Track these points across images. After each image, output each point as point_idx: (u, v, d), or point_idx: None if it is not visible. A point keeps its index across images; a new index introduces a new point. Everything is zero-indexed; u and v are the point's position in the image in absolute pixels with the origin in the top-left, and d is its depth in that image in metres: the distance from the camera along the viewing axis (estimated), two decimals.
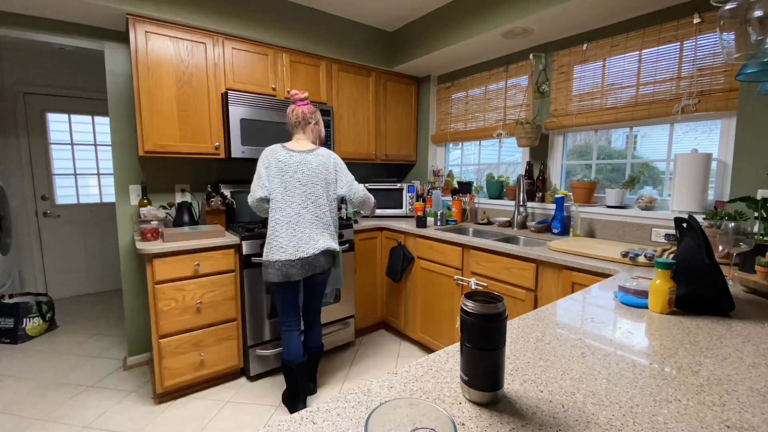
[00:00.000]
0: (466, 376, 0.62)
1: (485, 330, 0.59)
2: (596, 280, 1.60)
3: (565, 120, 2.35)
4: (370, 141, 3.14)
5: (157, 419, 1.96)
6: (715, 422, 0.56)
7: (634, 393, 0.64)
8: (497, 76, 2.81)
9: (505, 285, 2.03)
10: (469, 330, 0.60)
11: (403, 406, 0.46)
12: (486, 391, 0.60)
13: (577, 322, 0.96)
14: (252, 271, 2.21)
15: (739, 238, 1.17)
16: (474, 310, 0.59)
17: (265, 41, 2.51)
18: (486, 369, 0.60)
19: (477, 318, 0.59)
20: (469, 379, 0.61)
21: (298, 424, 0.56)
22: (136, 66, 2.09)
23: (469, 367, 0.61)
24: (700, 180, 1.72)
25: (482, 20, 2.36)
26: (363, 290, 2.85)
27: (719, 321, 0.97)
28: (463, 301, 0.62)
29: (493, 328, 0.59)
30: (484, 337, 0.59)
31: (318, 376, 2.35)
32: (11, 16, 2.06)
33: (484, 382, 0.60)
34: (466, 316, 0.60)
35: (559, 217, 2.25)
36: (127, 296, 2.45)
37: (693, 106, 1.81)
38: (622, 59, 2.09)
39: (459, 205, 2.83)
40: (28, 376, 2.37)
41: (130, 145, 2.40)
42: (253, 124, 2.40)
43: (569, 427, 0.56)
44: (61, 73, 3.62)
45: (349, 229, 2.63)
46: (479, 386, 0.60)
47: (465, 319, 0.61)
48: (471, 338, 0.60)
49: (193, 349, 2.10)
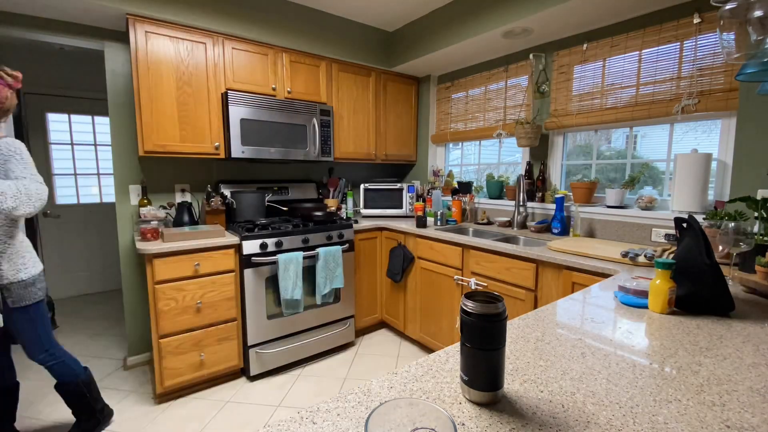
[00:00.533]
0: (466, 376, 0.62)
1: (485, 330, 0.59)
2: (596, 280, 1.60)
3: (565, 120, 2.35)
4: (370, 141, 3.14)
5: (157, 419, 1.96)
6: (715, 422, 0.56)
7: (634, 393, 0.64)
8: (497, 76, 2.81)
9: (505, 285, 2.03)
10: (469, 330, 0.60)
11: (403, 406, 0.46)
12: (486, 391, 0.61)
13: (577, 322, 0.96)
14: (252, 271, 2.21)
15: (739, 238, 1.17)
16: (474, 310, 0.60)
17: (265, 41, 2.51)
18: (486, 369, 0.60)
19: (477, 318, 0.59)
20: (469, 379, 0.61)
21: (298, 424, 0.56)
22: (136, 66, 2.09)
23: (468, 367, 0.61)
24: (700, 180, 1.72)
25: (482, 20, 2.36)
26: (363, 290, 2.85)
27: (719, 321, 0.97)
28: (463, 301, 0.62)
29: (493, 328, 0.59)
30: (484, 337, 0.59)
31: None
32: (11, 16, 2.06)
33: (484, 382, 0.60)
34: (466, 316, 0.61)
35: (559, 217, 2.25)
36: (127, 296, 2.45)
37: (693, 106, 1.81)
38: (622, 59, 2.09)
39: (459, 205, 2.83)
40: (28, 376, 2.37)
41: (130, 145, 2.40)
42: (253, 124, 2.40)
43: (569, 427, 0.56)
44: (61, 73, 3.62)
45: (349, 229, 2.63)
46: (479, 386, 0.61)
47: (465, 319, 0.61)
48: (471, 338, 0.60)
49: (193, 349, 2.10)
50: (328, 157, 2.78)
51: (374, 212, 3.15)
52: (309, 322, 2.50)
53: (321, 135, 2.71)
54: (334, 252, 2.46)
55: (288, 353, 2.41)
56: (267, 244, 2.26)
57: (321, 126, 2.70)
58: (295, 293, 2.30)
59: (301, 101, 2.62)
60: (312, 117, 2.65)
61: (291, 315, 2.39)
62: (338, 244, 2.55)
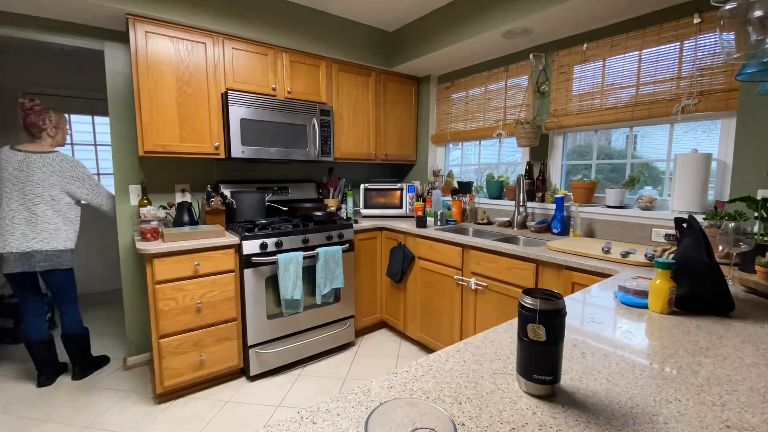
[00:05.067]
0: (530, 371, 0.64)
1: (552, 325, 0.62)
2: (596, 280, 1.60)
3: (565, 120, 2.35)
4: (370, 141, 3.14)
5: (157, 419, 1.96)
6: (715, 422, 0.56)
7: (634, 393, 0.64)
8: (497, 76, 2.81)
9: (505, 285, 2.03)
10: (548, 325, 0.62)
11: (403, 406, 0.46)
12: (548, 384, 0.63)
13: (577, 322, 0.96)
14: (252, 271, 2.21)
15: (739, 238, 1.17)
16: (539, 306, 0.62)
17: (265, 41, 2.51)
18: (550, 362, 0.63)
19: (543, 314, 0.62)
20: (531, 373, 0.64)
21: (298, 424, 0.56)
22: (136, 66, 2.09)
23: (532, 361, 0.64)
24: (700, 180, 1.72)
25: (482, 20, 2.36)
26: (363, 290, 2.85)
27: (719, 321, 0.97)
28: (522, 298, 0.64)
29: (556, 324, 0.62)
30: (553, 330, 0.62)
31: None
32: (11, 16, 2.06)
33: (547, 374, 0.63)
34: (530, 313, 0.62)
35: (559, 217, 2.25)
36: (127, 296, 2.45)
37: (693, 106, 1.81)
38: (622, 59, 2.09)
39: (459, 205, 2.83)
40: (28, 376, 2.37)
41: (130, 145, 2.40)
42: (253, 124, 2.40)
43: (569, 427, 0.56)
44: (61, 73, 3.61)
45: (349, 229, 2.63)
46: (542, 380, 0.63)
47: (530, 316, 0.62)
48: (549, 333, 0.62)
49: (193, 349, 2.10)
50: (328, 157, 2.78)
51: (374, 212, 3.15)
52: (309, 322, 2.50)
53: (321, 135, 2.71)
54: (334, 252, 2.46)
55: (288, 353, 2.41)
56: (267, 244, 2.26)
57: (321, 126, 2.70)
58: (295, 293, 2.30)
59: (301, 101, 2.62)
60: (312, 117, 2.65)
61: (291, 315, 2.39)
62: (338, 244, 2.55)
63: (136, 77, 2.10)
